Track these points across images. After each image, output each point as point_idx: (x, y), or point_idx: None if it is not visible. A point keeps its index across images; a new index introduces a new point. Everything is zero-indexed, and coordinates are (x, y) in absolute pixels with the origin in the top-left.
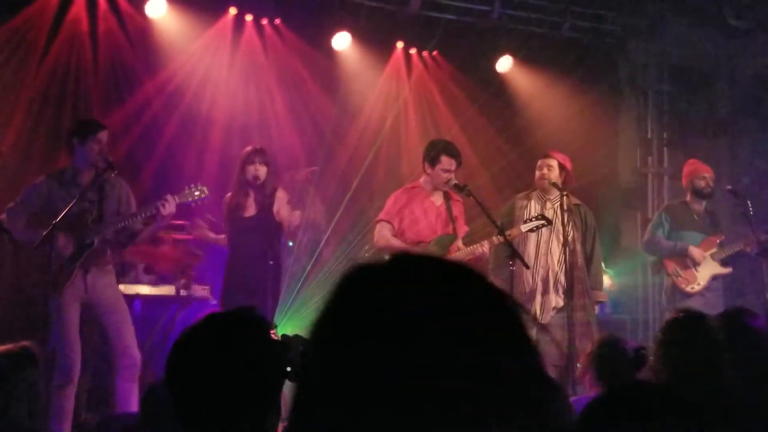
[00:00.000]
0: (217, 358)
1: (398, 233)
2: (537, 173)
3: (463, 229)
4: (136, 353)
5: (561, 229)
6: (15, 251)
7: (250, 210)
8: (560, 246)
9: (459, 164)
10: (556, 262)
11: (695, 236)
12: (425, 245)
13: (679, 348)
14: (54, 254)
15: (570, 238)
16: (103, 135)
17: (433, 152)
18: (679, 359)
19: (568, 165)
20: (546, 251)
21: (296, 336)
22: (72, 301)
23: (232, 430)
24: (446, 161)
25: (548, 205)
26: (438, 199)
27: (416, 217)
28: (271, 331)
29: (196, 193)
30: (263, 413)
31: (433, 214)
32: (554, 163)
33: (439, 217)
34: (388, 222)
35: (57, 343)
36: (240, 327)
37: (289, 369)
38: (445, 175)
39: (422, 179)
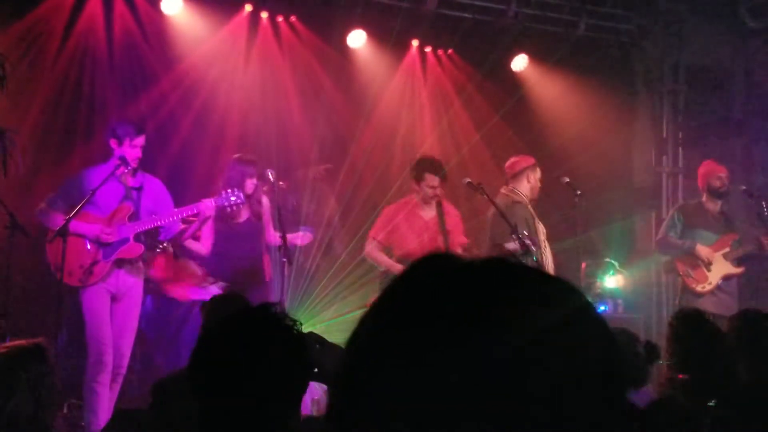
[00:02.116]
0: (242, 356)
1: (388, 248)
2: (537, 185)
3: (459, 241)
4: (125, 362)
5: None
6: (32, 247)
7: (243, 215)
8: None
9: (443, 179)
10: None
11: (708, 236)
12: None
13: (682, 344)
14: (90, 247)
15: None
16: (139, 140)
17: (419, 169)
18: (682, 355)
19: None
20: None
21: (311, 333)
22: (104, 293)
23: (255, 427)
24: (430, 178)
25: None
26: (429, 212)
27: (403, 232)
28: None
29: (233, 198)
30: (287, 411)
31: (421, 228)
32: None
33: (427, 230)
34: (376, 239)
35: (89, 333)
36: (266, 324)
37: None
38: (431, 191)
39: (414, 194)
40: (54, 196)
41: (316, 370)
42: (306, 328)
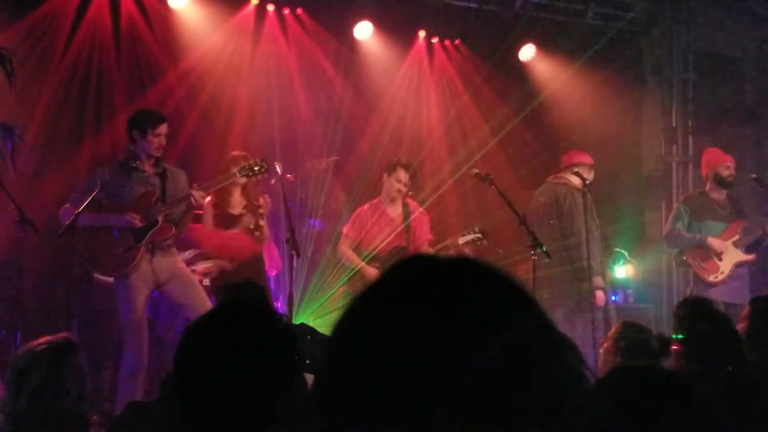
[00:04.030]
0: (227, 351)
1: (357, 243)
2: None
3: (424, 238)
4: None
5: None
6: (39, 242)
7: (237, 208)
8: None
9: (412, 177)
10: None
11: (716, 226)
12: (379, 257)
13: (688, 332)
14: (120, 236)
15: None
16: (162, 128)
17: (393, 163)
18: (689, 343)
19: None
20: None
21: (302, 324)
22: (140, 285)
23: (245, 422)
24: (400, 172)
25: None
26: (394, 210)
27: (370, 229)
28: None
29: (256, 168)
30: (277, 404)
31: (387, 225)
32: None
33: (392, 228)
34: (346, 236)
35: (126, 328)
36: (248, 315)
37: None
38: (397, 185)
39: (382, 193)
40: (77, 196)
41: (307, 361)
42: (315, 321)
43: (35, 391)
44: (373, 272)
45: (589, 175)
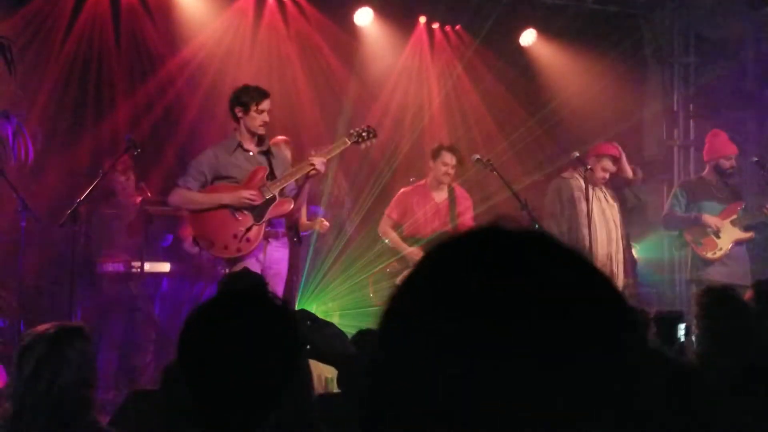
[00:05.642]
0: (227, 335)
1: (400, 226)
2: (600, 174)
3: (467, 224)
4: None
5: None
6: (41, 232)
7: None
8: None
9: (459, 161)
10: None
11: (714, 206)
12: (422, 240)
13: (709, 320)
14: (238, 216)
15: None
16: (266, 103)
17: (437, 148)
18: (711, 330)
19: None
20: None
21: (302, 310)
22: (255, 265)
23: (247, 407)
24: (446, 156)
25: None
26: (440, 195)
27: (415, 212)
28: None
29: (364, 134)
30: (279, 389)
31: (432, 210)
32: None
33: (437, 213)
34: (389, 216)
35: None
36: (249, 303)
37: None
38: (443, 168)
39: (428, 177)
40: (185, 177)
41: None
42: (318, 309)
43: (36, 365)
44: (417, 254)
45: (611, 166)
